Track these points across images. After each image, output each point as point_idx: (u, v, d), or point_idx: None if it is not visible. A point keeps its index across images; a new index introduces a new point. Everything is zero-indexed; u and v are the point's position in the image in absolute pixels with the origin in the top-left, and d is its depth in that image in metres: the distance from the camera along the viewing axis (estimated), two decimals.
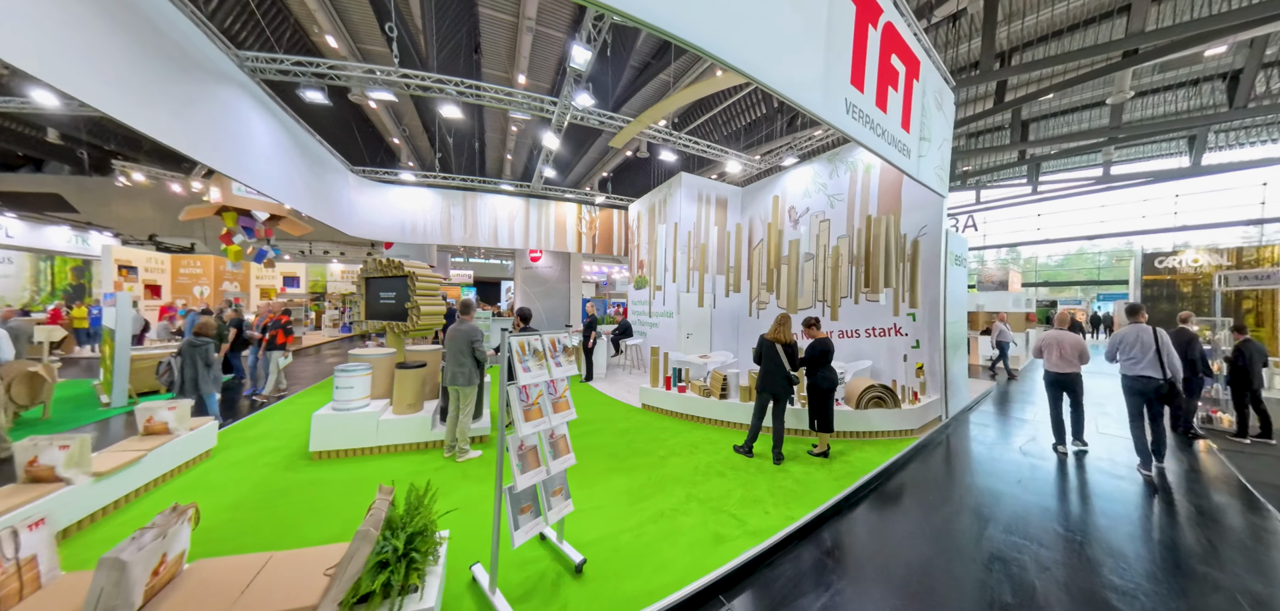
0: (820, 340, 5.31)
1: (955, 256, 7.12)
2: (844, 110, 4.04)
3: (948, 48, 15.45)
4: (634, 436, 6.14)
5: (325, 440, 5.09)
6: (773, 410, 5.24)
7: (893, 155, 4.92)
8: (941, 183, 6.28)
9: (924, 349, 6.89)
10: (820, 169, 8.52)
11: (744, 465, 5.04)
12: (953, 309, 7.02)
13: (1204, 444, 6.03)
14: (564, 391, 3.18)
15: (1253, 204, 19.28)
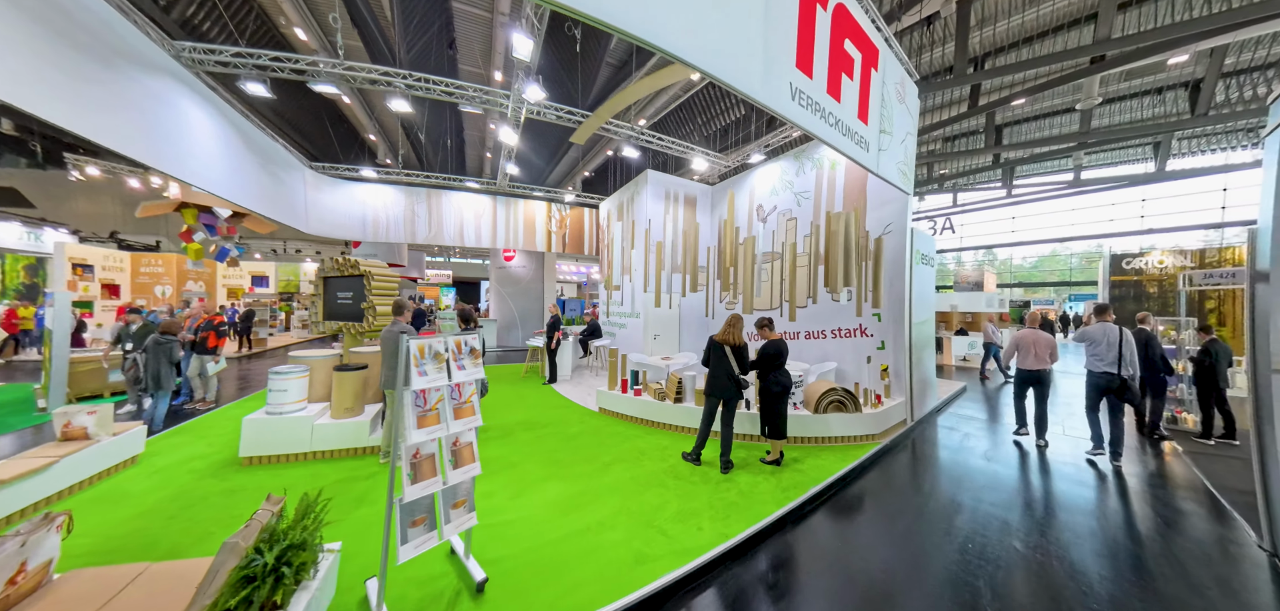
0: (772, 342, 4.97)
1: (922, 255, 6.86)
2: (788, 95, 3.70)
3: (922, 51, 15.46)
4: (582, 442, 5.76)
5: (257, 445, 4.84)
6: (721, 415, 4.90)
7: (849, 147, 4.61)
8: (906, 179, 6.01)
9: (889, 350, 6.61)
10: (787, 166, 8.22)
11: (689, 474, 4.67)
12: (919, 309, 6.75)
13: (1170, 446, 5.82)
14: (470, 396, 2.96)
15: (1214, 208, 20.01)
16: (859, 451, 5.27)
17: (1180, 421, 6.45)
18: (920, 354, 6.77)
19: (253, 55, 7.94)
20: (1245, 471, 4.91)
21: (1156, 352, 6.01)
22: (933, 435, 6.23)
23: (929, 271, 7.16)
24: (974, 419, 7.00)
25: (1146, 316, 6.31)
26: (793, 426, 5.51)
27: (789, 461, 5.02)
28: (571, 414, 7.11)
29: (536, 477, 4.63)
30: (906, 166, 6.02)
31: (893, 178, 5.59)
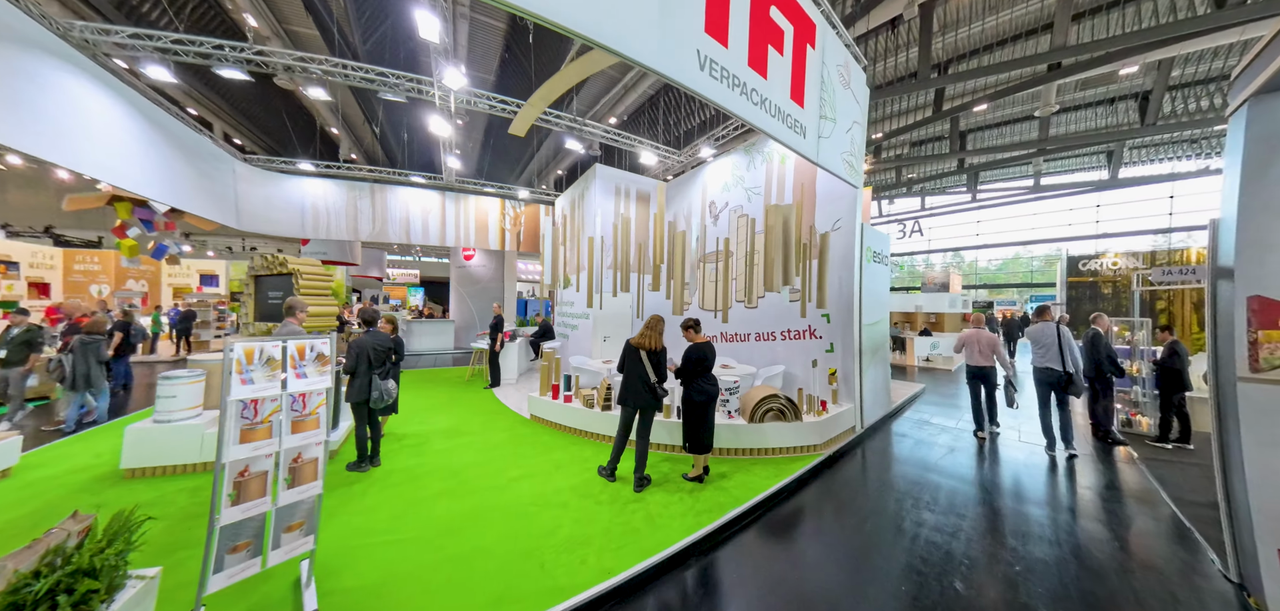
0: (696, 346, 4.38)
1: (874, 253, 6.38)
2: (696, 63, 3.12)
3: (887, 56, 15.26)
4: (499, 453, 5.12)
5: (140, 456, 4.37)
6: (637, 427, 4.30)
7: (779, 131, 4.07)
8: (853, 171, 5.51)
9: (838, 353, 6.10)
10: (738, 161, 7.69)
11: (598, 492, 4.05)
12: (871, 310, 6.26)
13: (1125, 451, 5.42)
14: (316, 407, 2.65)
15: (1162, 214, 20.37)
16: (798, 464, 4.72)
17: (1134, 423, 6.09)
18: (873, 356, 6.29)
19: (152, 37, 7.07)
20: (1203, 480, 4.54)
21: (1103, 352, 5.64)
22: (884, 443, 5.73)
23: (882, 270, 6.69)
24: (928, 423, 6.53)
25: (1100, 316, 5.95)
26: (724, 438, 4.95)
27: (716, 477, 4.43)
28: (501, 421, 6.44)
29: (434, 493, 4.05)
30: (854, 158, 5.52)
31: (836, 168, 5.08)
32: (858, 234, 5.92)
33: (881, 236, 6.66)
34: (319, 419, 2.66)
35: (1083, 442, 5.62)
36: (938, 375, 11.22)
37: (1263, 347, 2.67)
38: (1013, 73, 15.19)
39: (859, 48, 15.47)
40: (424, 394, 8.27)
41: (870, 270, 6.22)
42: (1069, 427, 5.13)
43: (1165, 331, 5.69)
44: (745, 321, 7.36)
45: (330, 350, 2.75)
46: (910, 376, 10.93)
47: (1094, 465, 5.06)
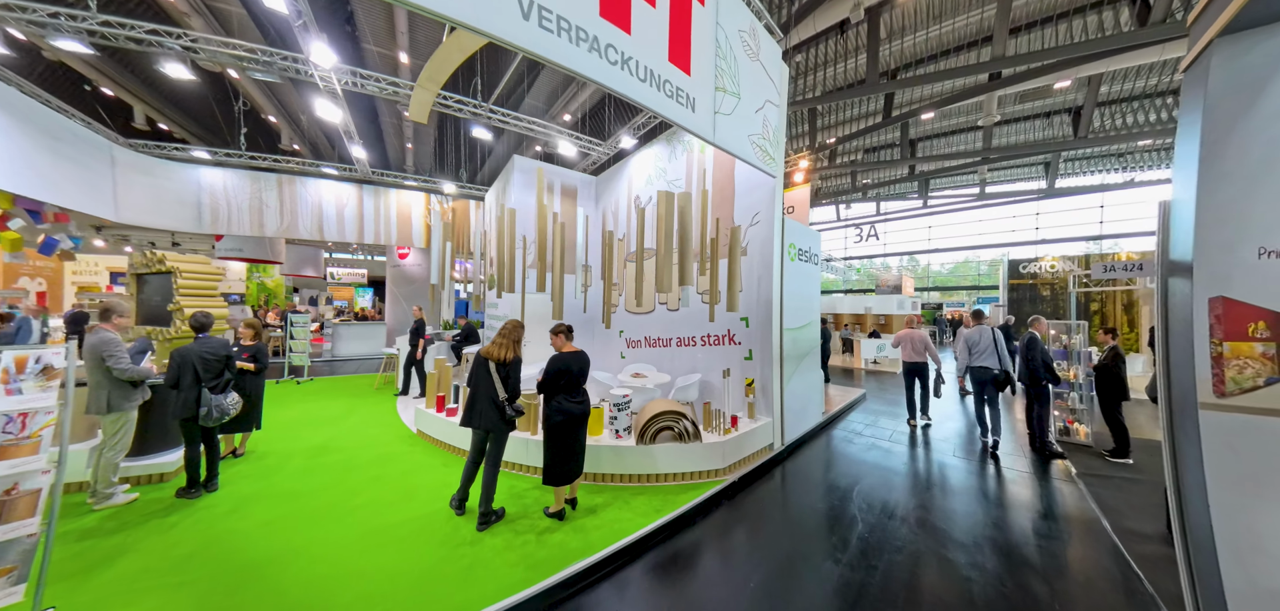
0: (559, 356, 3.48)
1: (799, 250, 5.59)
2: (517, 11, 2.22)
3: (838, 61, 14.90)
4: (360, 475, 4.25)
5: None
6: (488, 452, 3.36)
7: (652, 99, 3.18)
8: (768, 158, 4.70)
9: (756, 360, 5.28)
10: (661, 152, 6.83)
11: (439, 528, 3.21)
12: (797, 312, 5.48)
13: (1064, 465, 4.75)
14: (40, 430, 2.21)
15: (1094, 223, 21.12)
16: (695, 492, 3.85)
17: (1072, 431, 5.47)
18: (799, 364, 5.50)
19: None
20: (1145, 502, 3.85)
21: (1037, 358, 4.99)
22: (809, 460, 4.93)
23: (810, 270, 5.92)
24: (861, 436, 5.77)
25: (1038, 320, 5.31)
26: (606, 462, 4.05)
27: (583, 513, 3.51)
28: (385, 435, 5.41)
29: (254, 525, 3.33)
30: (769, 143, 4.71)
31: (742, 151, 4.23)
32: (778, 229, 5.11)
33: (808, 233, 5.88)
34: (40, 442, 2.22)
35: (1020, 457, 4.98)
36: (885, 378, 10.63)
37: (1228, 364, 1.92)
38: (957, 82, 15.29)
39: (809, 53, 15.13)
40: (321, 404, 7.17)
41: (795, 270, 5.44)
42: (998, 421, 5.28)
43: (1108, 334, 5.06)
44: (667, 325, 6.49)
45: (67, 362, 2.27)
46: (857, 380, 10.31)
47: (1031, 482, 4.38)
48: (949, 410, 7.19)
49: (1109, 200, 20.60)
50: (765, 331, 5.10)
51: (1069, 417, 5.49)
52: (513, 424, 3.37)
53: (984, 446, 5.22)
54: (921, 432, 5.95)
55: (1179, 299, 2.05)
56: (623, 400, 4.41)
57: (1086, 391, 5.43)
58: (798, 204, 8.69)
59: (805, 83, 15.25)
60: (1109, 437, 5.10)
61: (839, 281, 29.13)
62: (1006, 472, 4.55)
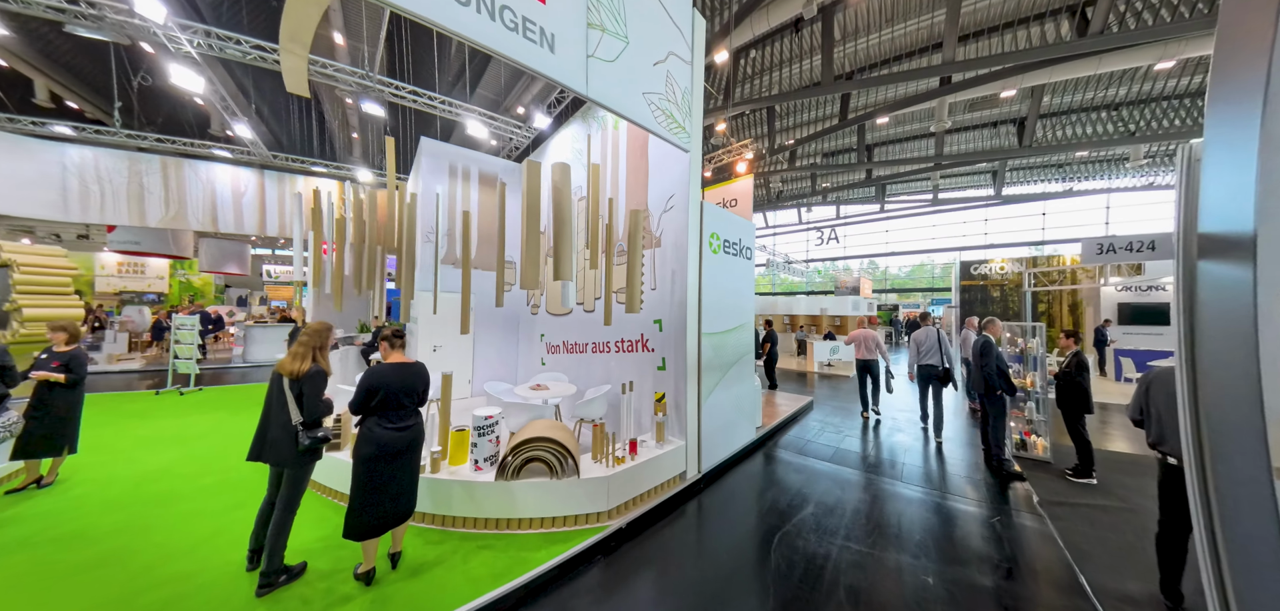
0: (375, 369, 2.48)
1: (724, 241, 4.64)
2: None
3: (795, 61, 14.42)
4: (173, 510, 3.35)
5: None
6: (282, 491, 2.34)
7: (483, 31, 2.18)
8: (674, 125, 3.73)
9: (669, 371, 4.31)
10: (577, 132, 5.82)
11: (220, 587, 2.31)
12: (722, 314, 4.54)
13: (1024, 491, 3.91)
14: None
15: (1036, 229, 21.55)
16: (566, 543, 2.82)
17: (1029, 445, 4.67)
18: (725, 375, 4.55)
19: None
20: (1123, 542, 3.00)
21: (991, 365, 4.21)
22: (731, 492, 3.94)
23: (741, 264, 4.99)
24: (802, 454, 4.86)
25: (993, 322, 4.52)
26: (457, 502, 3.00)
27: (408, 572, 2.46)
28: (241, 458, 4.24)
29: None
30: (676, 105, 3.74)
31: (633, 110, 3.25)
32: (694, 214, 4.16)
33: (737, 222, 4.93)
34: None
35: (975, 479, 4.11)
36: (837, 382, 9.77)
37: None
38: (910, 87, 15.16)
39: (765, 51, 14.49)
40: (192, 419, 6.03)
41: (719, 264, 4.49)
42: (941, 417, 5.43)
43: (1069, 337, 4.29)
44: (584, 329, 5.46)
45: None
46: (810, 384, 9.49)
47: (987, 503, 3.56)
48: (900, 420, 6.43)
49: (1050, 208, 21.14)
50: (680, 336, 4.13)
51: (1026, 430, 4.71)
52: (313, 456, 2.34)
53: (924, 433, 5.60)
54: (872, 441, 5.26)
55: (1215, 294, 1.14)
56: (484, 423, 3.35)
57: (1045, 400, 4.67)
58: (741, 197, 7.83)
59: (762, 82, 14.68)
60: (1069, 451, 4.34)
61: (802, 283, 28.82)
62: (961, 504, 3.69)
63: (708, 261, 4.30)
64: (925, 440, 5.35)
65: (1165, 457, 2.30)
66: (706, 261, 4.28)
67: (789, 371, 10.83)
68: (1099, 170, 19.74)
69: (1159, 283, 9.46)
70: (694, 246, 4.16)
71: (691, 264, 4.12)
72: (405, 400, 2.51)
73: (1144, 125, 15.35)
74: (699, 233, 4.21)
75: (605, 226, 4.15)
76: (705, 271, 4.26)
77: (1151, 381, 2.39)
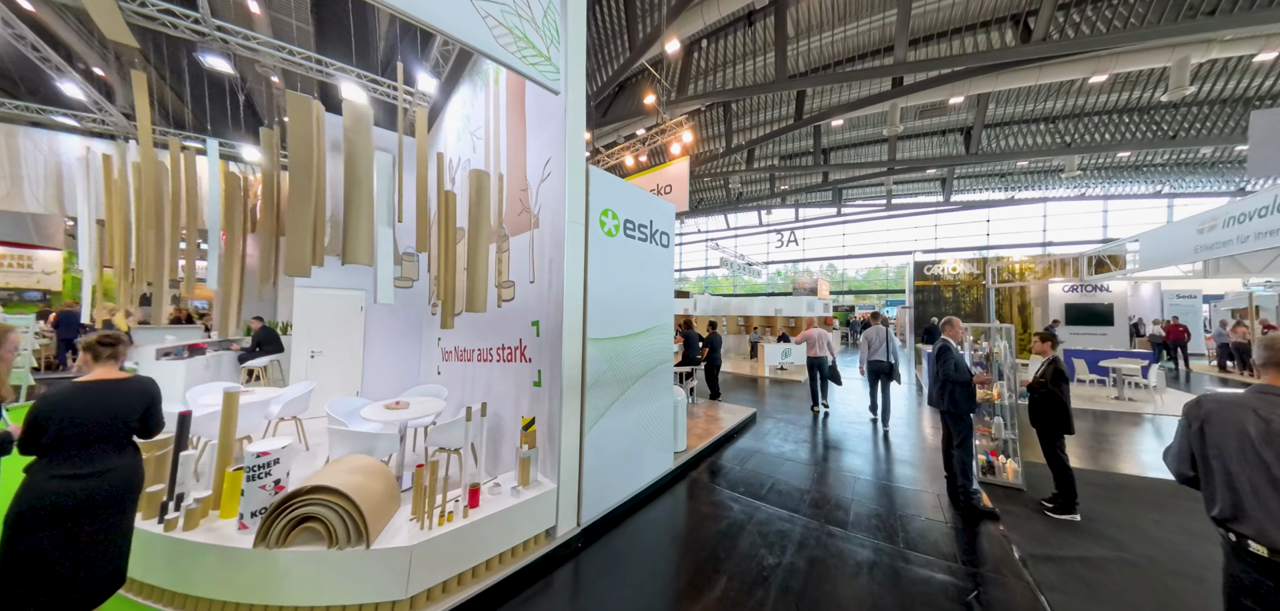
0: (50, 394, 1.27)
1: (624, 221, 3.45)
2: None
3: (749, 58, 13.74)
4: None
5: None
6: None
7: None
8: (542, 62, 2.64)
9: (546, 388, 3.18)
10: (466, 95, 4.64)
11: None
12: (621, 316, 3.44)
13: (998, 533, 2.95)
14: None
15: (981, 235, 22.26)
16: None
17: (997, 468, 3.76)
18: (624, 391, 3.44)
19: None
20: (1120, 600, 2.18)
21: (952, 375, 3.30)
22: (625, 546, 2.83)
23: (651, 253, 3.81)
24: (733, 488, 3.79)
25: (953, 322, 3.56)
26: (210, 575, 1.81)
27: None
28: None
29: None
30: (536, 28, 2.62)
31: (466, 31, 2.11)
32: (574, 183, 3.03)
33: (645, 199, 3.76)
34: None
35: (939, 520, 3.12)
36: (790, 387, 8.83)
37: None
38: (862, 89, 14.88)
39: (719, 44, 13.74)
40: None
41: (615, 250, 3.37)
42: (888, 408, 5.71)
43: (1046, 341, 3.39)
44: (473, 332, 4.25)
45: None
46: (760, 391, 8.54)
47: (951, 541, 2.66)
48: (850, 437, 5.53)
49: (994, 215, 22.10)
50: (556, 343, 3.00)
51: (993, 450, 3.81)
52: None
53: (874, 425, 5.74)
54: (818, 467, 4.26)
55: None
56: (258, 462, 2.12)
57: (1014, 414, 3.78)
58: (676, 182, 6.77)
59: (718, 78, 13.94)
60: (1042, 472, 3.45)
61: (764, 285, 28.44)
62: (925, 566, 2.66)
63: (599, 246, 3.18)
64: (876, 460, 4.47)
65: (1241, 541, 1.33)
66: (597, 246, 3.16)
67: (741, 377, 9.90)
68: (1037, 181, 20.32)
69: (1103, 284, 9.13)
70: (575, 225, 3.03)
71: (571, 248, 2.99)
72: (95, 436, 1.34)
73: (1078, 137, 15.65)
74: (584, 208, 3.09)
75: (445, 197, 2.96)
76: (595, 259, 3.14)
77: (1207, 416, 1.44)
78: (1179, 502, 3.43)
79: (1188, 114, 13.91)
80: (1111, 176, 18.69)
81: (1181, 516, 3.24)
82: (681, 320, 9.81)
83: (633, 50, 11.30)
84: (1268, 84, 12.33)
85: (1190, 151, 16.00)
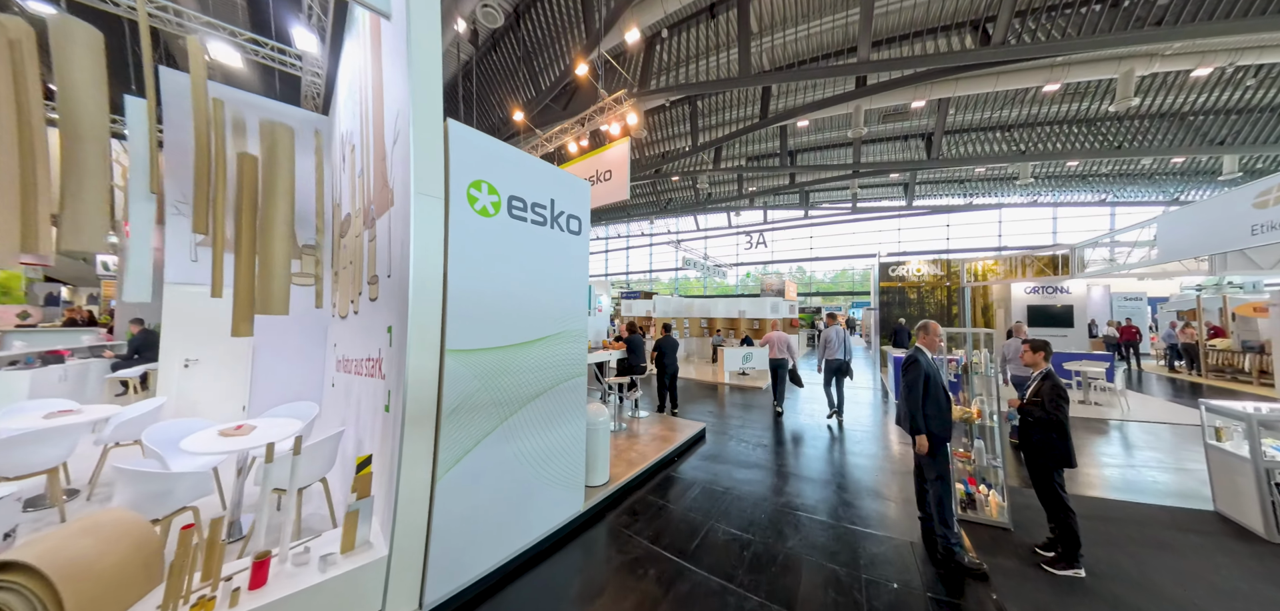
0: None
1: (508, 199, 2.61)
2: None
3: (712, 53, 13.30)
4: None
5: None
6: None
7: None
8: None
9: (394, 415, 2.36)
10: (351, 48, 3.76)
11: None
12: (503, 321, 2.63)
13: (991, 599, 2.28)
14: None
15: (942, 239, 22.73)
16: None
17: (980, 502, 3.08)
18: (504, 418, 2.63)
19: None
20: None
21: (916, 393, 2.63)
22: None
23: (554, 239, 2.98)
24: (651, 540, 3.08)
25: (929, 326, 2.81)
26: None
27: None
28: None
29: None
30: None
31: None
32: (426, 141, 2.23)
33: (538, 170, 2.91)
34: None
35: (912, 591, 2.40)
36: (750, 394, 8.10)
37: None
38: (827, 89, 14.76)
39: (682, 37, 13.23)
40: None
41: (491, 233, 2.56)
42: (842, 400, 5.98)
43: (1037, 351, 2.66)
44: (357, 338, 3.36)
45: None
46: (719, 399, 7.83)
47: None
48: (810, 461, 4.90)
49: (953, 220, 22.26)
50: (401, 354, 2.19)
51: (971, 477, 3.18)
52: None
53: (829, 420, 5.90)
54: (766, 501, 3.51)
55: None
56: None
57: (1001, 436, 3.13)
58: (616, 168, 6.01)
59: (682, 73, 13.37)
60: (1029, 503, 2.85)
61: (734, 287, 28.18)
62: None
63: (467, 229, 2.36)
64: (837, 491, 3.77)
65: None
66: (464, 229, 2.35)
67: (701, 384, 9.21)
68: (993, 188, 20.83)
69: (1063, 286, 8.98)
70: (428, 200, 2.21)
71: (420, 230, 2.18)
72: None
73: (1031, 146, 16.02)
74: (443, 177, 2.27)
75: (242, 162, 2.10)
76: (460, 246, 2.32)
77: None
78: (1184, 541, 2.86)
79: (1131, 126, 14.33)
80: (1061, 185, 19.28)
81: (1195, 561, 2.66)
82: (647, 324, 9.08)
83: (589, 37, 10.58)
84: (1202, 99, 12.73)
85: (1132, 162, 16.62)
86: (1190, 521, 3.10)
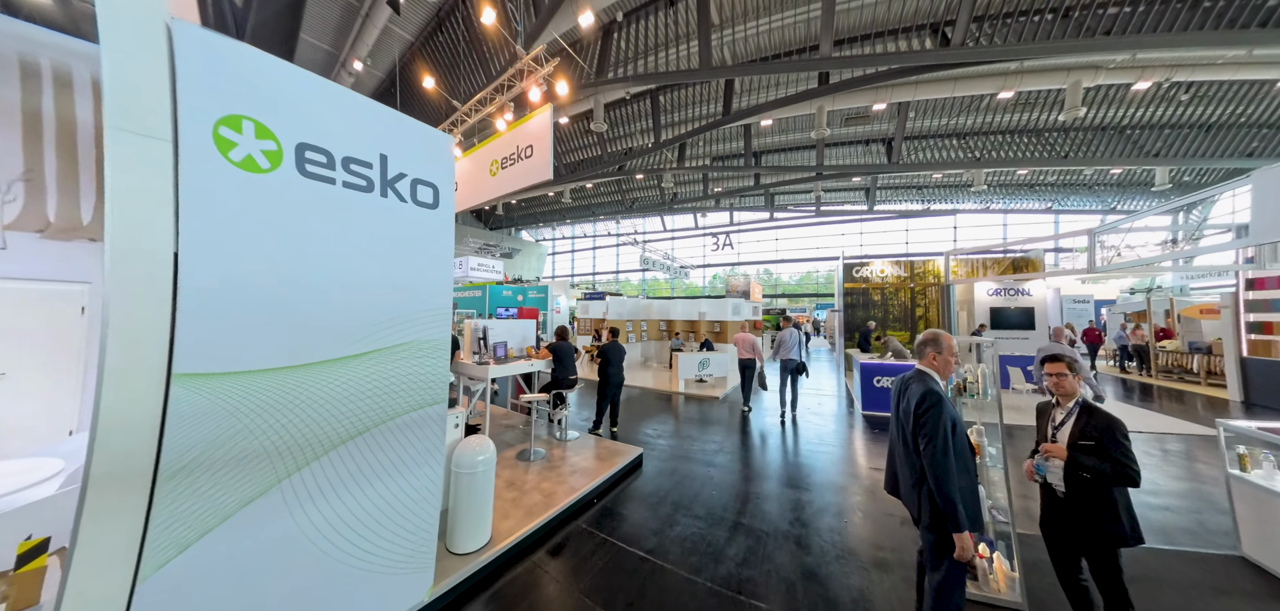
0: None
1: (289, 146, 1.87)
2: None
3: (672, 46, 12.89)
4: None
5: None
6: None
7: None
8: None
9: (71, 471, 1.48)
10: None
11: None
12: (291, 324, 1.83)
13: None
14: None
15: (901, 242, 23.51)
16: None
17: (982, 575, 2.31)
18: (292, 467, 1.79)
19: None
20: None
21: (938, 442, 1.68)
22: None
23: (380, 208, 2.13)
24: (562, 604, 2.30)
25: (942, 337, 1.88)
26: None
27: None
28: None
29: None
30: None
31: None
32: (126, 42, 1.40)
33: (356, 111, 2.09)
34: None
35: None
36: (708, 405, 7.35)
37: None
38: (790, 88, 14.73)
39: (641, 26, 12.70)
40: None
41: (268, 197, 1.67)
42: (796, 397, 6.40)
43: (1075, 372, 1.88)
44: None
45: None
46: (673, 410, 7.11)
47: None
48: (765, 505, 4.26)
49: (911, 225, 23.22)
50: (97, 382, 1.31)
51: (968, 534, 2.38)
52: None
53: (783, 417, 6.23)
54: (708, 562, 2.81)
55: None
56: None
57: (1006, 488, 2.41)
58: (537, 142, 5.13)
59: (641, 65, 12.82)
60: (1045, 576, 2.16)
61: (703, 289, 27.96)
62: None
63: (224, 189, 1.52)
64: (795, 551, 3.13)
65: None
66: (218, 188, 1.51)
67: (654, 394, 8.39)
68: (949, 194, 21.66)
69: (1024, 288, 8.98)
70: (135, 139, 1.36)
71: (118, 184, 1.33)
72: None
73: (985, 153, 16.65)
74: (169, 104, 1.44)
75: None
76: (203, 211, 1.48)
77: None
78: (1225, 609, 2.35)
79: (1076, 137, 15.07)
80: (1011, 192, 20.23)
81: None
82: (600, 325, 8.42)
83: (538, 15, 9.77)
84: (1140, 113, 13.48)
85: (1075, 172, 17.61)
86: (1220, 573, 2.58)
